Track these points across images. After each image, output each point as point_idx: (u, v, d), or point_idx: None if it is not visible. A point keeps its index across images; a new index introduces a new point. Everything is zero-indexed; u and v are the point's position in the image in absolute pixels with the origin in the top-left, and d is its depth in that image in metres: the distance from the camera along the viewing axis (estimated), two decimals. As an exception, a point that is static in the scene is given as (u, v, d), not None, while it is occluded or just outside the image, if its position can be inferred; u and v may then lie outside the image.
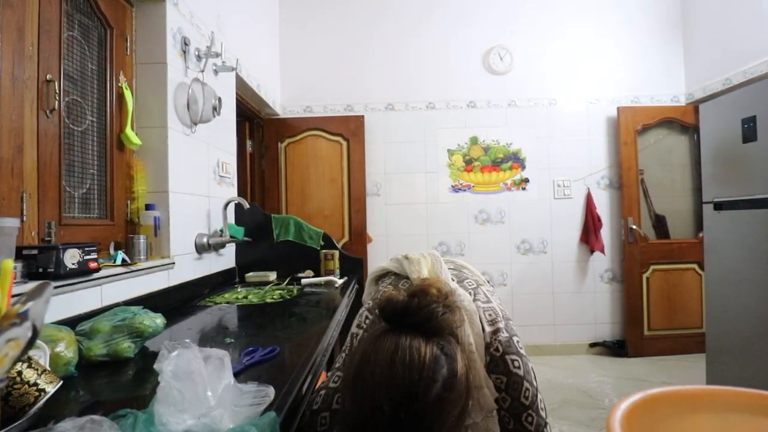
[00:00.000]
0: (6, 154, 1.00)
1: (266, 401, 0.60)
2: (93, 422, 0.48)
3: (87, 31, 1.33)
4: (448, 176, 3.35)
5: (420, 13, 3.34)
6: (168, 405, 0.50)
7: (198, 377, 0.52)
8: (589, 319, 3.33)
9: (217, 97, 1.77)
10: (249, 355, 0.88)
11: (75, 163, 1.26)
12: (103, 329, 0.87)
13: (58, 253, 0.96)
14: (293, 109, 3.34)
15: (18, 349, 0.44)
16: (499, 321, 0.84)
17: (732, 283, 2.02)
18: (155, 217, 1.47)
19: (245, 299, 1.63)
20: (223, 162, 2.07)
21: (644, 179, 3.32)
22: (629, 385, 2.68)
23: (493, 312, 0.87)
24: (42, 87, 1.11)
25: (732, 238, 2.02)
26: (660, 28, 3.36)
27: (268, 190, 3.20)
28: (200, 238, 1.78)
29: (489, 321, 0.85)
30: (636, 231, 3.19)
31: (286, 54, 3.33)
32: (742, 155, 1.97)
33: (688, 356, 3.10)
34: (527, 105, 3.32)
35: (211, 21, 1.98)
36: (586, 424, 2.20)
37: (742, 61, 2.78)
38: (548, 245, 3.33)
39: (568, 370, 2.97)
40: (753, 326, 1.89)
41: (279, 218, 2.29)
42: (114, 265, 1.23)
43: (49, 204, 1.13)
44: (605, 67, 3.35)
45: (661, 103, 3.35)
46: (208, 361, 0.56)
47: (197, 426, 0.49)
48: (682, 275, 3.21)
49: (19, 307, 0.48)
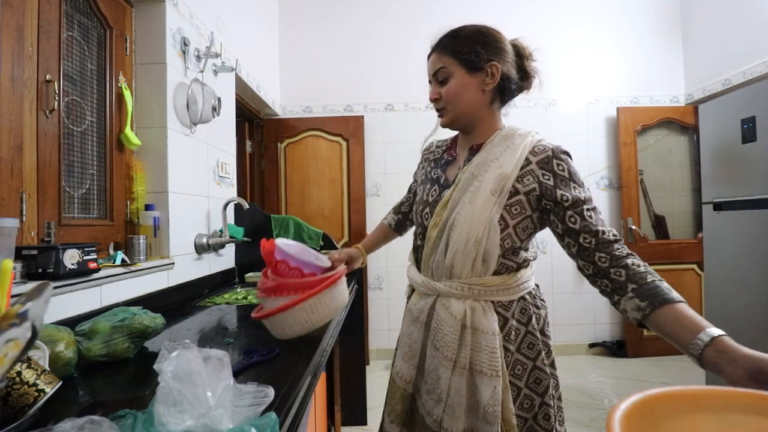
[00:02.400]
0: (5, 154, 1.00)
1: (266, 401, 0.59)
2: (92, 422, 0.48)
3: (86, 32, 1.33)
4: (447, 176, 3.35)
5: (419, 13, 3.35)
6: (168, 405, 0.50)
7: (198, 378, 0.52)
8: (588, 319, 3.34)
9: (216, 97, 1.77)
10: (248, 355, 0.88)
11: (74, 163, 1.26)
12: (103, 329, 0.87)
13: (57, 253, 0.96)
14: (293, 110, 3.34)
15: (17, 349, 0.44)
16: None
17: (732, 283, 2.02)
18: (155, 217, 1.47)
19: (245, 300, 1.63)
20: (223, 162, 2.07)
21: (644, 180, 3.32)
22: (629, 385, 2.69)
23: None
24: (41, 87, 1.11)
25: (731, 238, 2.02)
26: (660, 28, 3.37)
27: (267, 191, 3.20)
28: (200, 238, 1.78)
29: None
30: (635, 231, 3.19)
31: (286, 54, 3.34)
32: (742, 156, 1.97)
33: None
34: (526, 105, 3.32)
35: (211, 21, 1.98)
36: (586, 424, 2.20)
37: (742, 61, 2.79)
38: (548, 245, 3.33)
39: (568, 370, 2.97)
40: (753, 326, 1.89)
41: (278, 218, 2.28)
42: (113, 265, 1.23)
43: (49, 204, 1.13)
44: (605, 67, 3.35)
45: (661, 103, 3.35)
46: (208, 361, 0.56)
47: (197, 426, 0.49)
48: (682, 276, 3.21)
49: (19, 307, 0.48)
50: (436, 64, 0.93)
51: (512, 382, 0.86)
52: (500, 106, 0.95)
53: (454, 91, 0.90)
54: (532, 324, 0.89)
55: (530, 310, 0.89)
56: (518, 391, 0.86)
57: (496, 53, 0.89)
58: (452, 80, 0.90)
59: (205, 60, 1.80)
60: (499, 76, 0.88)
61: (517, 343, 0.87)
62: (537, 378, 0.87)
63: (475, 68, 0.88)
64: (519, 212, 0.84)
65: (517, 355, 0.87)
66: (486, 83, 0.89)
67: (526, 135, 0.90)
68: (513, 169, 0.84)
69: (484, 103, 0.91)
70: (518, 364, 0.87)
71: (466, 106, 0.90)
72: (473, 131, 0.95)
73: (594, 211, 0.81)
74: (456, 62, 0.89)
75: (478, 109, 0.91)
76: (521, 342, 0.88)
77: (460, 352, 0.84)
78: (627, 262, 0.74)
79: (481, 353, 0.82)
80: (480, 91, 0.90)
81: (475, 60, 0.88)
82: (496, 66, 0.88)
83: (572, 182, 0.83)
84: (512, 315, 0.87)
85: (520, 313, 0.88)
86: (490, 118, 0.93)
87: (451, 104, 0.91)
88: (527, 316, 0.89)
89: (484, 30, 0.92)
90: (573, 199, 0.81)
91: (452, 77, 0.90)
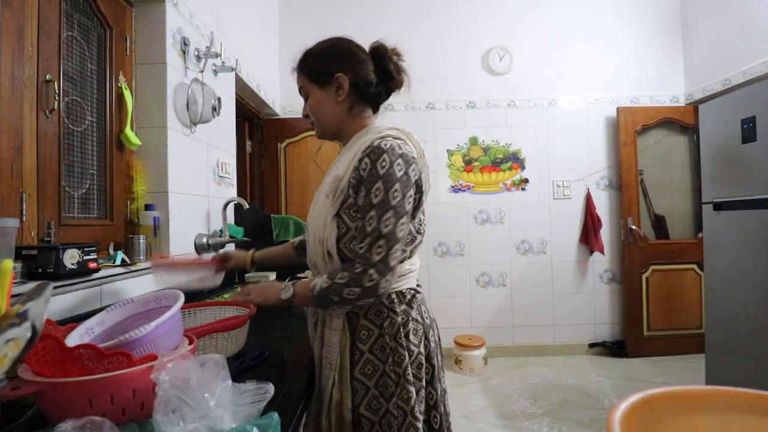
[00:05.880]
0: (5, 154, 1.00)
1: (267, 398, 0.59)
2: (93, 423, 0.48)
3: (86, 32, 1.33)
4: (447, 176, 3.35)
5: (419, 13, 3.35)
6: (167, 413, 0.49)
7: (196, 383, 0.52)
8: (588, 319, 3.34)
9: (216, 97, 1.77)
10: (238, 360, 0.87)
11: (74, 163, 1.26)
12: (103, 330, 0.87)
13: (57, 253, 0.96)
14: (293, 110, 3.34)
15: (17, 349, 0.44)
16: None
17: (732, 284, 2.02)
18: (155, 217, 1.47)
19: (245, 299, 1.63)
20: (223, 162, 2.07)
21: (644, 179, 3.32)
22: (629, 385, 2.69)
23: None
24: (41, 87, 1.11)
25: (731, 238, 2.02)
26: (660, 28, 3.37)
27: (267, 191, 3.20)
28: (200, 238, 1.78)
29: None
30: (635, 231, 3.19)
31: (286, 54, 3.34)
32: (742, 155, 1.97)
33: (688, 356, 3.10)
34: (527, 105, 3.32)
35: (211, 21, 1.98)
36: (586, 424, 2.20)
37: (742, 61, 2.79)
38: (548, 245, 3.33)
39: (568, 370, 2.98)
40: (753, 326, 1.89)
41: (278, 218, 2.28)
42: (113, 265, 1.23)
43: (49, 204, 1.13)
44: (605, 67, 3.36)
45: (661, 103, 3.35)
46: (205, 366, 0.56)
47: (198, 428, 0.49)
48: (682, 276, 3.21)
49: (19, 307, 0.48)
50: (298, 83, 0.99)
51: (362, 381, 0.87)
52: (368, 109, 0.99)
53: (314, 106, 0.96)
54: (385, 328, 0.88)
55: (384, 313, 0.89)
56: (366, 390, 0.87)
57: (342, 65, 0.93)
58: (310, 97, 0.97)
59: (205, 60, 1.80)
60: (347, 86, 0.93)
61: (369, 343, 0.88)
62: (384, 383, 0.87)
63: (325, 83, 0.94)
64: (356, 212, 0.87)
65: (369, 355, 0.88)
66: (338, 94, 0.94)
67: (366, 134, 0.93)
68: (346, 170, 0.87)
69: (343, 112, 0.96)
70: (369, 363, 0.88)
71: (326, 118, 0.97)
72: (342, 138, 1.00)
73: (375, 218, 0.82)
74: (308, 80, 0.96)
75: (339, 119, 0.96)
76: (374, 343, 0.89)
77: (314, 345, 0.94)
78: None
79: (325, 347, 0.89)
80: (334, 103, 0.95)
81: (322, 75, 0.94)
82: (342, 77, 0.93)
83: (365, 187, 0.84)
84: (364, 315, 0.89)
85: (374, 315, 0.89)
86: (354, 124, 0.97)
87: (315, 118, 0.98)
88: (381, 318, 0.89)
89: (330, 44, 0.97)
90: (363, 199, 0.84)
91: (310, 94, 0.97)
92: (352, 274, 0.80)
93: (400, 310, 0.90)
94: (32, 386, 0.51)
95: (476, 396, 2.61)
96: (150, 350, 0.60)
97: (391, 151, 0.83)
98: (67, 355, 0.54)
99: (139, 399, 0.54)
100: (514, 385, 2.74)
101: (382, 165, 0.82)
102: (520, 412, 2.37)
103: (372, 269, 0.79)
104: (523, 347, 3.32)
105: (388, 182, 0.82)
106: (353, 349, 0.88)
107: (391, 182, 0.82)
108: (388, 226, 0.80)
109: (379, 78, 0.97)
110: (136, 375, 0.53)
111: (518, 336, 3.33)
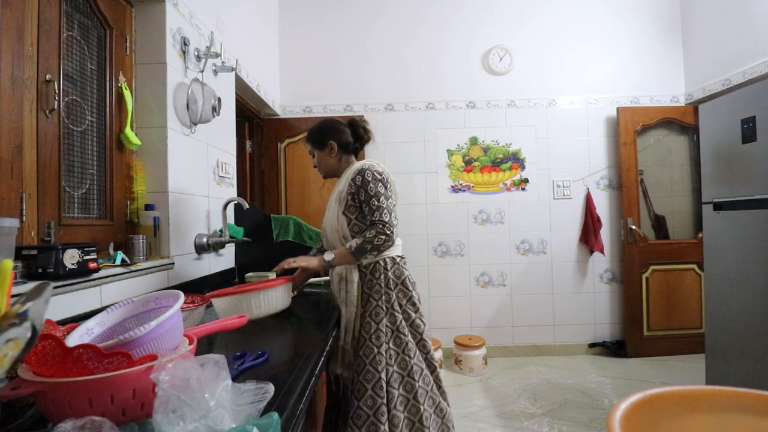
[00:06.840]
0: (5, 154, 1.00)
1: (267, 397, 0.59)
2: (93, 423, 0.47)
3: (86, 32, 1.33)
4: (447, 176, 3.35)
5: (419, 13, 3.35)
6: (166, 413, 0.49)
7: (195, 383, 0.52)
8: (588, 319, 3.34)
9: (216, 97, 1.77)
10: (238, 360, 0.87)
11: (74, 163, 1.26)
12: (103, 329, 0.87)
13: (57, 253, 0.96)
14: (293, 110, 3.34)
15: (17, 349, 0.44)
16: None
17: (732, 283, 2.02)
18: (154, 217, 1.47)
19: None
20: (223, 162, 2.07)
21: (644, 179, 3.32)
22: (629, 385, 2.69)
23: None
24: (41, 87, 1.11)
25: (731, 238, 2.02)
26: (660, 28, 3.37)
27: (267, 191, 3.20)
28: (200, 238, 1.78)
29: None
30: (635, 231, 3.19)
31: (286, 54, 3.34)
32: (742, 155, 1.97)
33: (688, 356, 3.10)
34: (527, 105, 3.32)
35: (211, 21, 1.98)
36: (586, 424, 2.20)
37: (742, 61, 2.79)
38: (548, 245, 3.33)
39: (568, 370, 2.98)
40: (753, 326, 1.89)
41: (278, 218, 2.28)
42: (113, 265, 1.23)
43: (49, 204, 1.13)
44: (605, 67, 3.36)
45: (661, 103, 3.35)
46: (205, 366, 0.56)
47: (198, 428, 0.49)
48: (682, 275, 3.21)
49: (19, 307, 0.48)
50: (307, 148, 1.63)
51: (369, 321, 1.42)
52: (351, 156, 1.60)
53: (319, 161, 1.60)
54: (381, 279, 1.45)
55: (380, 271, 1.46)
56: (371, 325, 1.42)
57: (332, 134, 1.55)
58: (316, 156, 1.60)
59: (205, 60, 1.80)
60: (336, 146, 1.55)
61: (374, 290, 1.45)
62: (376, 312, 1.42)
63: (322, 146, 1.57)
64: (354, 209, 1.47)
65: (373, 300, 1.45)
66: (331, 152, 1.56)
67: (353, 167, 1.51)
68: (344, 186, 1.48)
69: (336, 161, 1.57)
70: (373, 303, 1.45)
71: (327, 166, 1.59)
72: (338, 175, 1.60)
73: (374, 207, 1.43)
74: (312, 146, 1.59)
75: (334, 165, 1.58)
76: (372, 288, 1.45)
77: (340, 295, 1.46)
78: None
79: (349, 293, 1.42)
80: (330, 157, 1.57)
81: (320, 142, 1.57)
82: (332, 143, 1.55)
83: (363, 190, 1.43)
84: (370, 272, 1.47)
85: (374, 271, 1.46)
86: (343, 166, 1.58)
87: (320, 167, 1.61)
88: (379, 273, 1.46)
89: (323, 123, 1.60)
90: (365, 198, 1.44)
91: (315, 154, 1.60)
92: (376, 230, 1.39)
93: (391, 268, 1.48)
94: (32, 386, 0.51)
95: (476, 396, 2.61)
96: (150, 350, 0.60)
97: (371, 168, 1.46)
98: (67, 355, 0.53)
99: (139, 399, 0.54)
100: (514, 385, 2.75)
101: (368, 176, 1.43)
102: (520, 412, 2.37)
103: (385, 225, 1.40)
104: (523, 347, 3.32)
105: (375, 182, 1.43)
106: (364, 295, 1.45)
107: (376, 182, 1.43)
108: (383, 203, 1.42)
109: (354, 138, 1.58)
110: (136, 375, 0.53)
111: (518, 336, 3.33)
